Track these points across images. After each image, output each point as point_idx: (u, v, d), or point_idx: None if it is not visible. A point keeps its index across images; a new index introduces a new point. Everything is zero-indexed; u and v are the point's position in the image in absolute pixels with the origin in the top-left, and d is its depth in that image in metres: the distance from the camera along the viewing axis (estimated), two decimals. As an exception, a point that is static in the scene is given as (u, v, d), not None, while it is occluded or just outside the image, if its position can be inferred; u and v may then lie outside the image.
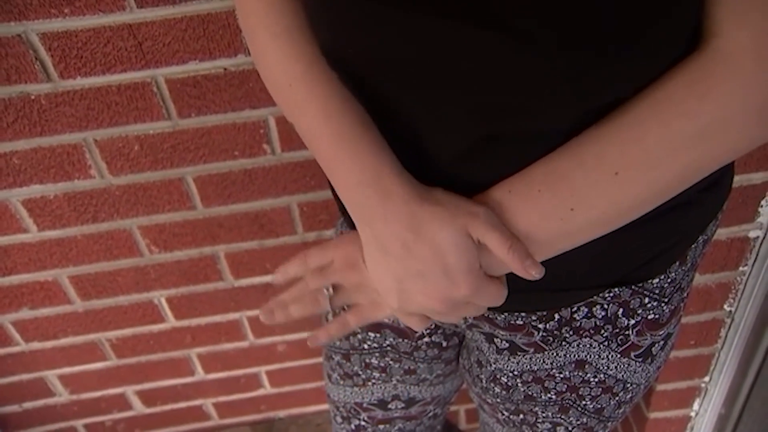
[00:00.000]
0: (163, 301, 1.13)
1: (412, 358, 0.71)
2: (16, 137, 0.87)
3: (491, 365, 0.65)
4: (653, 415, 1.24)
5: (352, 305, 0.54)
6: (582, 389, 0.62)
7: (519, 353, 0.61)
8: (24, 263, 1.03)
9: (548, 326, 0.57)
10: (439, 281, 0.45)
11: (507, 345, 0.61)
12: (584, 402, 0.63)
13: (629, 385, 0.62)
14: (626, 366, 0.60)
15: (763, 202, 0.94)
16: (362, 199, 0.46)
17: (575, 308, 0.56)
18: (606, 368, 0.60)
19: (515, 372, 0.63)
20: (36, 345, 1.17)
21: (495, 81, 0.41)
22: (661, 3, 0.37)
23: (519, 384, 0.63)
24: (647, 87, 0.41)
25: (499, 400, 0.67)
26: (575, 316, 0.56)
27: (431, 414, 0.80)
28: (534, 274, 0.43)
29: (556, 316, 0.57)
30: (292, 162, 0.95)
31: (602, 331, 0.57)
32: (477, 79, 0.41)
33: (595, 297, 0.55)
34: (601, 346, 0.58)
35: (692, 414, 1.25)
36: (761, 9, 0.37)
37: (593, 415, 0.64)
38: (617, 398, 0.63)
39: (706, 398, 1.22)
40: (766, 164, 0.89)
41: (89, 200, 0.96)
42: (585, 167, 0.42)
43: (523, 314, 0.57)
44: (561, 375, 0.61)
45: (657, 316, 0.57)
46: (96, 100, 0.85)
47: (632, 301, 0.56)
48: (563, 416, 0.64)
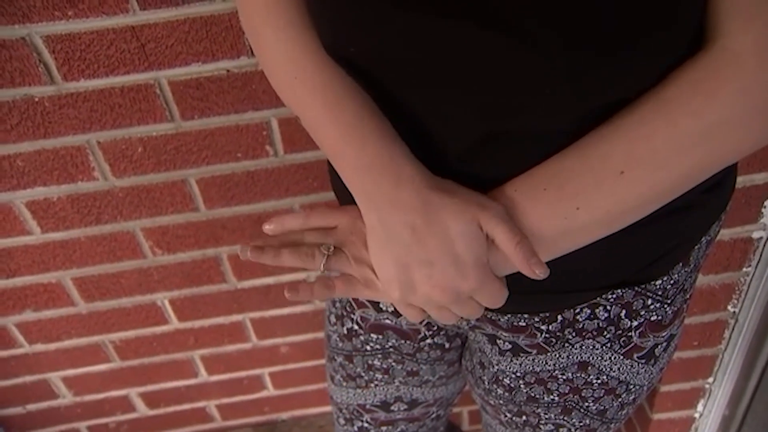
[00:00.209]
0: (166, 303, 1.13)
1: (415, 360, 0.71)
2: (20, 139, 0.87)
3: (494, 367, 0.65)
4: (657, 417, 1.23)
5: (345, 275, 0.52)
6: (585, 391, 0.61)
7: (522, 355, 0.61)
8: (27, 265, 1.03)
9: (551, 328, 0.57)
10: (447, 270, 0.45)
11: (510, 346, 0.61)
12: (587, 403, 0.63)
13: (632, 387, 0.62)
14: (629, 367, 0.60)
15: (767, 203, 0.93)
16: (371, 185, 0.45)
17: (578, 310, 0.56)
18: (609, 370, 0.59)
19: (518, 373, 0.63)
20: (39, 347, 1.17)
21: (495, 80, 0.41)
22: (661, 3, 0.37)
23: (522, 385, 0.63)
24: (653, 87, 0.41)
25: (502, 402, 0.67)
26: (578, 318, 0.56)
27: (434, 415, 0.80)
28: (539, 274, 0.43)
29: (559, 318, 0.56)
30: (295, 164, 0.95)
31: (605, 333, 0.57)
32: (477, 79, 0.41)
33: (598, 298, 0.55)
34: (604, 348, 0.58)
35: (696, 415, 1.25)
36: (767, 10, 0.37)
37: (596, 417, 0.64)
38: (620, 400, 0.63)
39: (710, 399, 1.21)
40: (770, 165, 0.89)
41: (92, 202, 0.96)
42: (591, 166, 0.42)
43: (526, 316, 0.57)
44: (564, 376, 0.61)
45: (660, 318, 0.57)
46: (99, 102, 0.85)
47: (635, 303, 0.55)
48: (566, 418, 0.64)
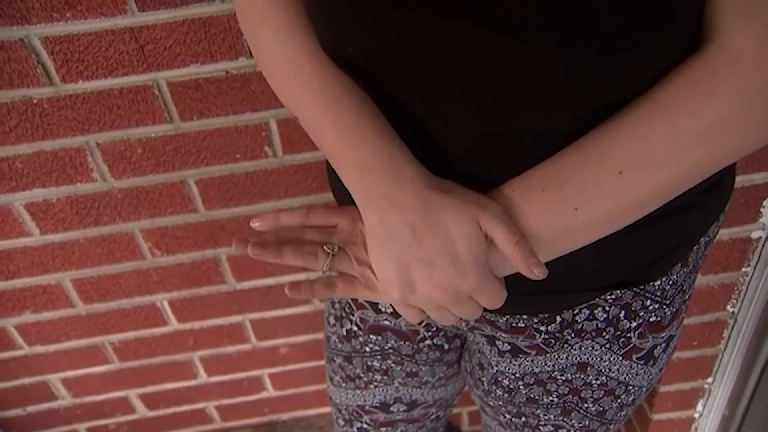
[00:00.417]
0: (166, 304, 1.13)
1: (414, 361, 0.71)
2: (19, 141, 0.87)
3: (493, 368, 0.65)
4: (656, 417, 1.23)
5: (346, 275, 0.51)
6: (584, 392, 0.61)
7: (521, 356, 0.61)
8: (26, 267, 1.03)
9: (550, 328, 0.57)
10: (447, 270, 0.45)
11: (509, 347, 0.61)
12: (586, 404, 0.62)
13: (631, 388, 0.62)
14: (628, 368, 0.60)
15: (766, 203, 0.93)
16: (371, 185, 0.45)
17: (577, 310, 0.56)
18: (608, 371, 0.59)
19: (517, 374, 0.63)
20: (39, 348, 1.17)
21: (495, 81, 0.41)
22: (660, 3, 0.37)
23: (521, 386, 0.63)
24: (651, 86, 0.41)
25: (501, 403, 0.67)
26: (577, 319, 0.56)
27: (433, 416, 0.80)
28: (537, 274, 0.43)
29: (558, 319, 0.56)
30: (294, 165, 0.95)
31: (604, 334, 0.57)
32: (477, 79, 0.41)
33: (597, 299, 0.55)
34: (603, 349, 0.58)
35: (696, 415, 1.25)
36: (766, 9, 0.37)
37: (595, 418, 0.64)
38: (619, 401, 0.63)
39: (710, 399, 1.21)
40: (768, 165, 0.89)
41: (91, 203, 0.96)
42: (590, 166, 0.42)
43: (525, 317, 0.57)
44: (563, 377, 0.60)
45: (659, 319, 0.57)
46: (98, 104, 0.85)
47: (634, 304, 0.55)
48: (565, 419, 0.64)
